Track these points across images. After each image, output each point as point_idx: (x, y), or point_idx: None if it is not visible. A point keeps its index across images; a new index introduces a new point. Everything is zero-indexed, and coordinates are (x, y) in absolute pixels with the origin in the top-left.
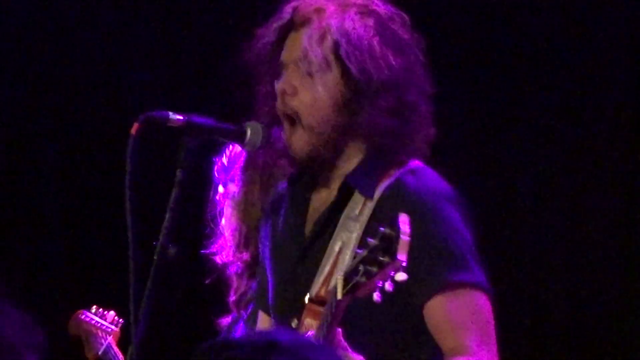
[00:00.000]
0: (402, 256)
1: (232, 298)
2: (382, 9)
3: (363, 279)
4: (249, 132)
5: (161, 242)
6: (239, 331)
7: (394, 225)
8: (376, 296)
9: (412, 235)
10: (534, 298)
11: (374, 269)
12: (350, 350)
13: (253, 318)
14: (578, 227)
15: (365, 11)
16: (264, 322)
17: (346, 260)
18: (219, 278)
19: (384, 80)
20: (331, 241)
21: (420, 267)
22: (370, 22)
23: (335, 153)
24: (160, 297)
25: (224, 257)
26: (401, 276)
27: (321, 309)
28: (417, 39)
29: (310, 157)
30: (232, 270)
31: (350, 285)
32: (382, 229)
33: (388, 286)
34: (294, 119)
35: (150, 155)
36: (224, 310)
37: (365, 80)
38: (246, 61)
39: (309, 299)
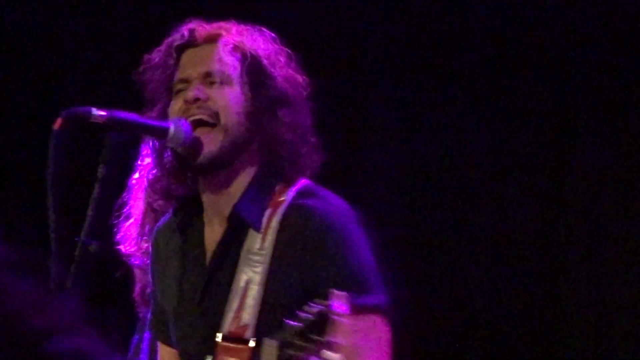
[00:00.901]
0: (336, 339)
1: (136, 293)
2: (274, 35)
3: (298, 353)
4: (172, 129)
5: (83, 238)
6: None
7: (330, 304)
8: None
9: (317, 258)
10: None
11: (309, 345)
12: None
13: (153, 348)
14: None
15: (266, 34)
16: (166, 355)
17: (254, 296)
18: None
19: (289, 95)
20: (235, 276)
21: (325, 291)
22: (272, 43)
23: (236, 160)
24: (83, 291)
25: (128, 247)
26: (335, 357)
27: (237, 346)
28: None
29: (216, 158)
30: (135, 262)
31: (285, 357)
32: (317, 307)
33: None
34: (211, 122)
35: (75, 151)
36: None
37: (272, 93)
38: (140, 84)
39: (223, 337)
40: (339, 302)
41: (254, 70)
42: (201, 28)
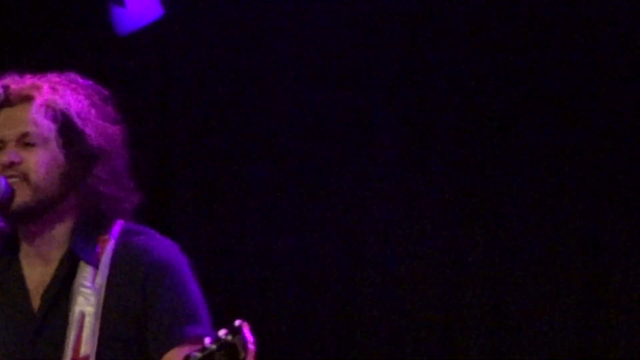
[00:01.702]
0: None
1: None
2: (86, 83)
3: None
4: None
5: None
6: None
7: (239, 333)
8: None
9: (151, 292)
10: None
11: None
12: None
13: None
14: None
15: (76, 88)
16: None
17: (91, 328)
18: None
19: (102, 149)
20: (70, 312)
21: (162, 324)
22: (83, 97)
23: (52, 212)
24: None
25: None
26: None
27: None
28: (116, 111)
29: (28, 209)
30: None
31: None
32: (225, 336)
33: None
34: (23, 179)
35: None
36: None
37: (85, 151)
38: None
39: None
40: (246, 331)
41: (66, 130)
42: (15, 86)
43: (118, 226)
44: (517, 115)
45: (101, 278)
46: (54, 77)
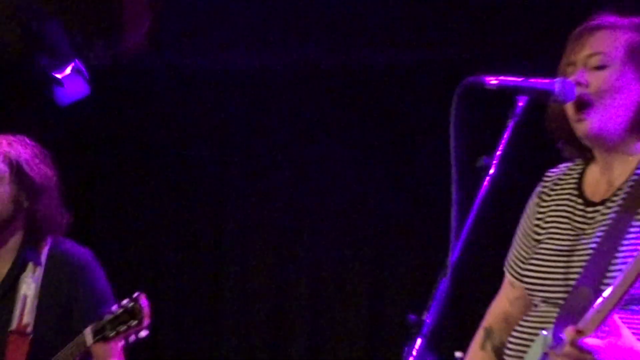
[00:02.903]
0: (146, 321)
1: None
2: (32, 143)
3: (112, 333)
4: None
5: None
6: None
7: (137, 301)
8: (121, 342)
9: (74, 284)
10: None
11: (123, 328)
12: None
13: None
14: None
15: (25, 144)
16: None
17: (31, 305)
18: None
19: (43, 186)
20: (17, 296)
21: (82, 307)
22: (30, 151)
23: (6, 231)
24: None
25: None
26: (144, 333)
27: (25, 338)
28: (52, 159)
29: None
30: None
31: (99, 336)
32: (126, 302)
33: (132, 338)
34: None
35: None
36: None
37: (30, 186)
38: None
39: (12, 331)
40: (143, 299)
41: (17, 173)
42: None
43: (51, 238)
44: None
45: (39, 273)
46: (10, 137)
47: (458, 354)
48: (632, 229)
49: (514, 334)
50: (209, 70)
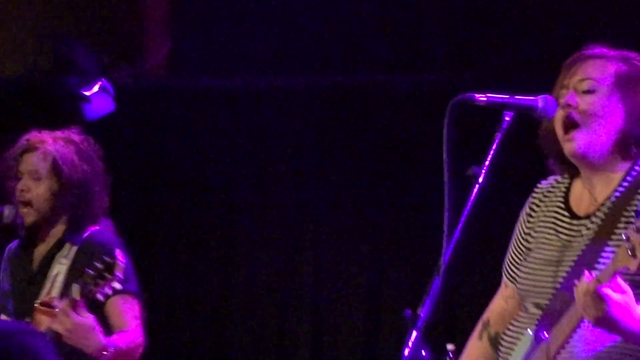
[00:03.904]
0: (119, 274)
1: None
2: (79, 139)
3: (93, 287)
4: (6, 211)
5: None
6: None
7: (114, 257)
8: (100, 295)
9: (98, 262)
10: None
11: (101, 281)
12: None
13: None
14: None
15: (69, 141)
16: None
17: (60, 281)
18: None
19: (81, 182)
20: (50, 272)
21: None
22: (72, 147)
23: (48, 224)
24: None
25: None
26: (117, 285)
27: (47, 309)
28: (99, 151)
29: (35, 224)
30: None
31: (84, 290)
32: (105, 257)
33: (108, 290)
34: (27, 204)
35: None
36: None
37: (69, 181)
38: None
39: (39, 303)
40: (119, 254)
41: (56, 171)
42: (32, 138)
43: (92, 226)
44: None
45: (73, 252)
46: (58, 133)
47: (450, 346)
48: (610, 242)
49: (507, 332)
50: (219, 90)
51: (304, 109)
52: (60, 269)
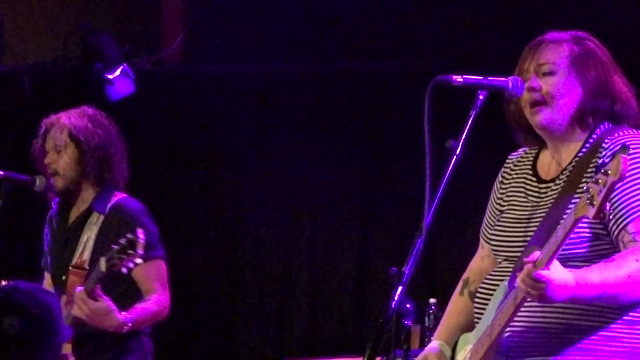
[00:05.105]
0: (141, 251)
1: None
2: (92, 111)
3: (117, 261)
4: (38, 181)
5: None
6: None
7: (135, 234)
8: (124, 269)
9: (125, 230)
10: None
11: (124, 256)
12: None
13: (42, 275)
14: None
15: (82, 113)
16: (47, 278)
17: (90, 245)
18: None
19: (98, 147)
20: (81, 237)
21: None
22: (85, 118)
23: (78, 187)
24: None
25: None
26: (139, 260)
27: (79, 271)
28: (113, 123)
29: (66, 189)
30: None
31: (110, 264)
32: (128, 235)
33: (131, 265)
34: (55, 174)
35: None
36: None
37: (89, 149)
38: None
39: (72, 266)
40: (140, 232)
41: (76, 141)
42: (50, 118)
43: (117, 194)
44: None
45: (101, 219)
46: (72, 110)
47: (432, 300)
48: (573, 198)
49: (482, 285)
50: (227, 75)
51: (304, 93)
52: (89, 234)
